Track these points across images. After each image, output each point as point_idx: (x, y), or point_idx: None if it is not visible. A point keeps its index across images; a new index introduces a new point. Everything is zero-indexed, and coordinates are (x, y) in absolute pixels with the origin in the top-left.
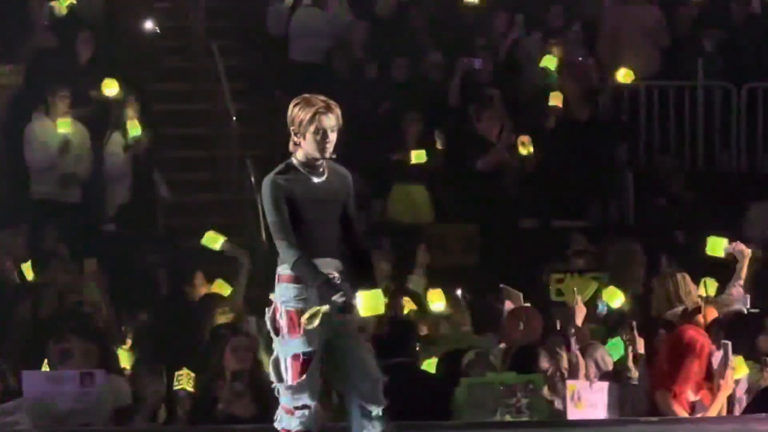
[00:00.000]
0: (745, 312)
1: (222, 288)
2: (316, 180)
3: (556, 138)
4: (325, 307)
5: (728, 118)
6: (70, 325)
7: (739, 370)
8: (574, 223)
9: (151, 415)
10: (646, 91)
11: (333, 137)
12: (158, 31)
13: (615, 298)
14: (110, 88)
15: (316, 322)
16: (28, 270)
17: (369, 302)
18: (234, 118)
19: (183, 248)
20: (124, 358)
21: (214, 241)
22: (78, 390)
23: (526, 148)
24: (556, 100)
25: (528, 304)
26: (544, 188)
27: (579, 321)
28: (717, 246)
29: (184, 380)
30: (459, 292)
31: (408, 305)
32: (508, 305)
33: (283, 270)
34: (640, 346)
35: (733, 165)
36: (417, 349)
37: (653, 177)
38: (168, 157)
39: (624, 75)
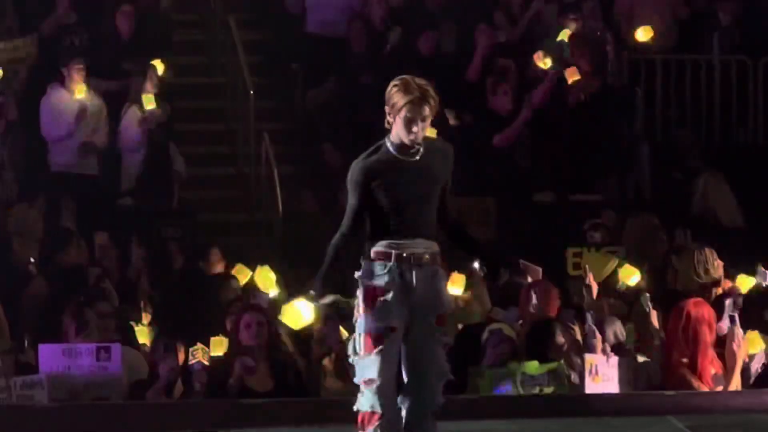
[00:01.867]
0: (764, 285)
1: (242, 273)
2: (408, 161)
3: (573, 111)
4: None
5: (745, 92)
6: (87, 299)
7: (755, 344)
8: (591, 197)
9: (167, 389)
10: (663, 64)
11: (423, 126)
12: None
13: (631, 276)
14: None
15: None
16: None
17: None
18: (251, 92)
19: (199, 222)
20: (141, 333)
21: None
22: (94, 364)
23: None
24: (572, 75)
25: (540, 279)
26: (560, 162)
27: (593, 296)
28: (747, 282)
29: (200, 354)
30: (476, 265)
31: None
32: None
33: (367, 247)
34: (655, 319)
35: (750, 139)
36: None
37: (670, 150)
38: (185, 130)
39: (643, 33)
